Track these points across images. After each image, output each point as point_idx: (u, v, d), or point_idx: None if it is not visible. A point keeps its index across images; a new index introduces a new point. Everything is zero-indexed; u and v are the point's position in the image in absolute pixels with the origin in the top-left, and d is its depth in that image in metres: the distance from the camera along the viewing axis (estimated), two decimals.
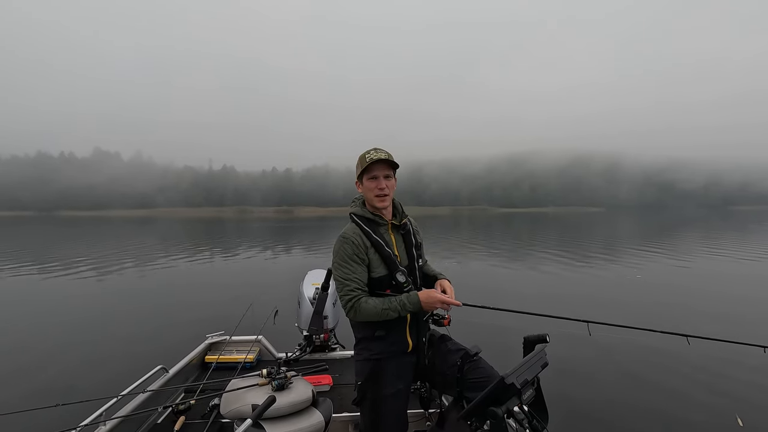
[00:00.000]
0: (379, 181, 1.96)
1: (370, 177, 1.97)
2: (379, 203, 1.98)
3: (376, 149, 1.98)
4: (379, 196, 1.97)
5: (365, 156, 1.97)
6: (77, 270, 12.69)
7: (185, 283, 10.93)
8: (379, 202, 1.98)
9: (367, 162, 1.94)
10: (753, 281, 10.40)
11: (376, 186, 1.96)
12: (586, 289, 9.61)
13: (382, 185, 1.95)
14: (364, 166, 1.95)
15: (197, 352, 3.51)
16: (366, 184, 1.98)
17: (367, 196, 2.00)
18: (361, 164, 1.97)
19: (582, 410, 3.84)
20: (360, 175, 1.99)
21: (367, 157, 1.95)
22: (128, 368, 4.35)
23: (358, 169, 1.99)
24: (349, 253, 1.91)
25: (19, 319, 7.11)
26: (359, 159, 1.99)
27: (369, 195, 1.99)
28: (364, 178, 1.98)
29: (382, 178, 1.96)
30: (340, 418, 2.57)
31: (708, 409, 3.84)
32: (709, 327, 6.32)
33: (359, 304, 1.87)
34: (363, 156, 1.98)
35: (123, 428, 2.34)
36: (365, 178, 1.98)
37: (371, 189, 1.97)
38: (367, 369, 1.96)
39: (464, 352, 1.91)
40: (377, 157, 1.94)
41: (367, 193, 2.00)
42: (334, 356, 3.62)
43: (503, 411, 1.36)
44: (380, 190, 1.96)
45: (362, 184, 2.00)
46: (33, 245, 22.74)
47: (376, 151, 1.96)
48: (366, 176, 1.97)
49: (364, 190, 2.00)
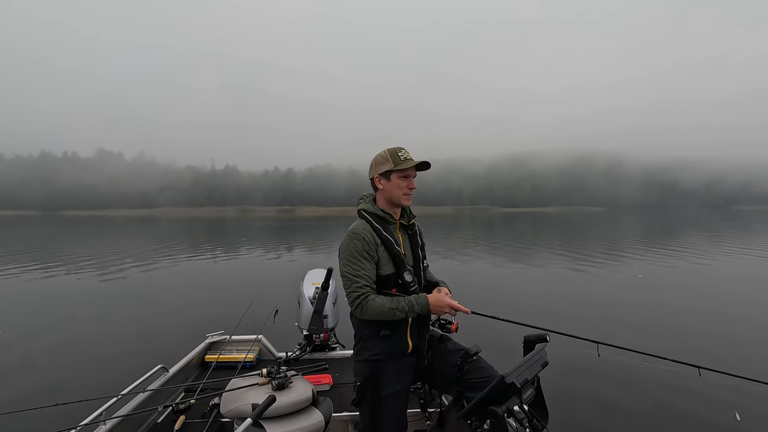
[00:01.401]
0: (411, 180, 2.00)
1: (403, 175, 1.98)
2: (406, 201, 2.02)
3: (402, 149, 2.00)
4: (407, 194, 2.00)
5: (397, 153, 1.96)
6: (77, 269, 12.72)
7: (185, 282, 10.95)
8: (406, 200, 2.01)
9: (402, 161, 1.95)
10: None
11: (408, 185, 1.99)
12: (588, 289, 9.60)
13: (413, 185, 2.01)
14: (398, 164, 1.95)
15: (197, 352, 3.50)
16: (396, 181, 1.98)
17: (395, 193, 1.99)
18: (393, 161, 1.96)
19: (582, 410, 3.83)
20: (388, 172, 1.98)
21: (401, 156, 1.96)
22: (128, 368, 4.33)
23: (386, 165, 1.97)
24: (359, 249, 1.90)
25: (18, 318, 7.11)
26: (389, 155, 1.98)
27: (397, 192, 1.99)
28: (395, 175, 1.97)
29: (413, 178, 2.01)
30: (340, 417, 2.57)
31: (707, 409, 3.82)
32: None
33: (367, 301, 1.86)
34: (395, 153, 1.97)
35: (123, 428, 2.34)
36: (396, 175, 1.97)
37: (401, 187, 1.98)
38: (366, 370, 1.95)
39: (464, 351, 1.90)
40: (412, 159, 1.97)
41: (394, 190, 1.99)
42: (334, 356, 3.62)
43: (503, 410, 1.36)
44: (410, 189, 2.00)
45: (388, 180, 1.99)
46: (34, 244, 22.83)
47: (405, 150, 1.99)
48: (398, 174, 1.97)
49: (391, 186, 1.99)
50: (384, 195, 2.03)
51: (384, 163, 1.98)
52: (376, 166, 2.02)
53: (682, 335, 6.05)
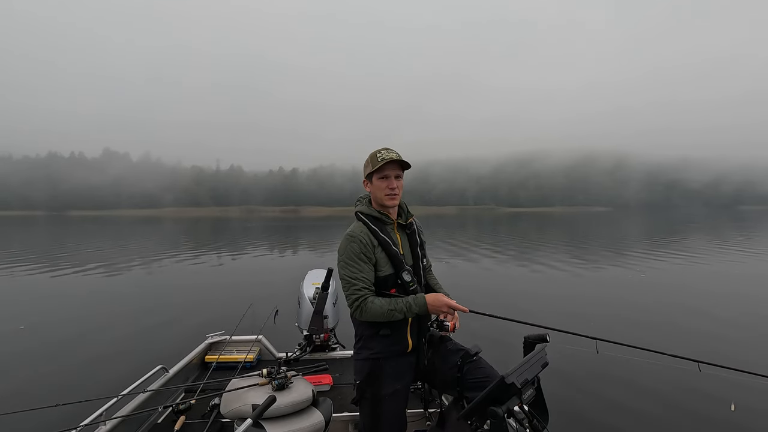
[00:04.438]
0: (390, 180, 1.98)
1: (381, 176, 1.97)
2: (389, 202, 2.00)
3: (387, 149, 1.99)
4: (389, 195, 1.99)
5: (377, 155, 1.97)
6: (78, 269, 12.78)
7: (185, 282, 10.97)
8: (389, 200, 2.00)
9: (379, 162, 1.95)
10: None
11: (387, 186, 1.98)
12: (589, 290, 9.55)
13: (393, 185, 1.98)
14: (376, 166, 1.95)
15: (197, 352, 3.50)
16: (376, 183, 1.99)
17: (377, 195, 2.01)
18: (372, 164, 1.98)
19: (582, 410, 3.80)
20: (370, 174, 1.99)
21: (379, 157, 1.96)
22: (128, 368, 4.35)
23: (368, 168, 1.99)
24: (357, 252, 1.91)
25: (18, 318, 7.13)
26: (370, 158, 2.00)
27: (379, 194, 1.99)
28: (375, 177, 1.98)
29: (393, 178, 1.98)
30: (340, 417, 2.56)
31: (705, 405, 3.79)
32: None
33: (366, 303, 1.87)
34: (374, 155, 1.98)
35: (123, 428, 2.34)
36: (376, 177, 1.98)
37: (382, 188, 1.98)
38: (366, 368, 1.96)
39: (464, 352, 1.91)
40: (389, 157, 1.94)
41: (377, 192, 2.00)
42: (334, 356, 3.61)
43: (504, 410, 1.35)
44: (391, 189, 1.98)
45: (371, 183, 2.01)
46: (38, 245, 23.00)
47: (387, 151, 1.97)
48: (377, 175, 1.98)
49: (374, 189, 2.01)
50: (373, 197, 2.05)
51: (367, 166, 2.01)
52: (363, 170, 2.04)
53: (684, 333, 6.02)
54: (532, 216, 75.50)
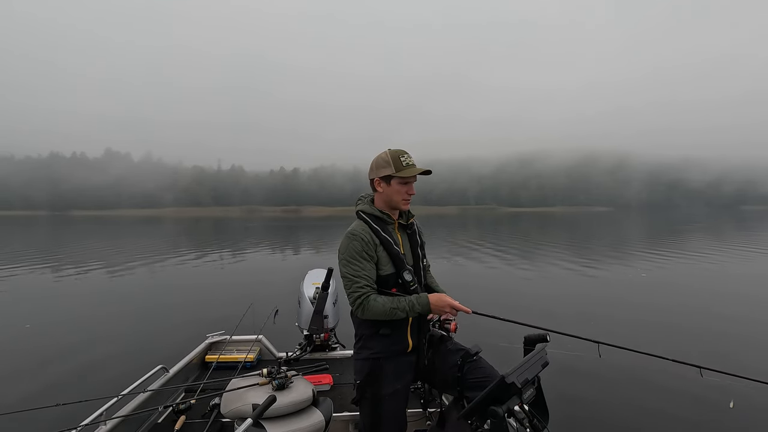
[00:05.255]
0: (411, 186, 2.00)
1: (403, 181, 1.97)
2: (405, 206, 2.03)
3: (405, 152, 1.99)
4: (406, 200, 2.02)
5: (400, 159, 1.95)
6: (78, 269, 12.81)
7: (186, 282, 10.99)
8: (404, 205, 2.03)
9: (404, 167, 1.95)
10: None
11: (407, 191, 1.99)
12: (590, 289, 9.54)
13: (413, 191, 2.01)
14: (400, 170, 1.94)
15: (197, 352, 3.50)
16: (396, 186, 1.98)
17: (394, 198, 2.00)
18: (394, 166, 1.95)
19: (583, 410, 3.80)
20: (388, 176, 1.97)
21: (403, 162, 1.95)
22: (128, 368, 4.34)
23: (387, 169, 1.96)
24: (359, 250, 1.90)
25: (18, 318, 7.15)
26: (392, 159, 1.96)
27: (396, 197, 1.99)
28: (395, 180, 1.97)
29: (412, 183, 2.01)
30: (340, 417, 2.56)
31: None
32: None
33: (368, 301, 1.86)
34: (396, 158, 1.96)
35: (123, 428, 2.34)
36: (397, 181, 1.97)
37: (401, 192, 1.99)
38: (366, 368, 1.96)
39: (464, 351, 1.90)
40: (416, 169, 1.96)
41: (394, 195, 1.99)
42: (334, 356, 3.61)
43: (504, 410, 1.35)
44: (410, 195, 2.01)
45: (388, 184, 1.99)
46: (38, 244, 23.05)
47: (407, 155, 1.98)
48: (399, 180, 1.96)
49: (391, 191, 1.99)
50: (383, 198, 2.03)
51: (385, 167, 1.97)
52: (377, 169, 2.01)
53: (685, 333, 6.00)
54: (533, 216, 75.36)
